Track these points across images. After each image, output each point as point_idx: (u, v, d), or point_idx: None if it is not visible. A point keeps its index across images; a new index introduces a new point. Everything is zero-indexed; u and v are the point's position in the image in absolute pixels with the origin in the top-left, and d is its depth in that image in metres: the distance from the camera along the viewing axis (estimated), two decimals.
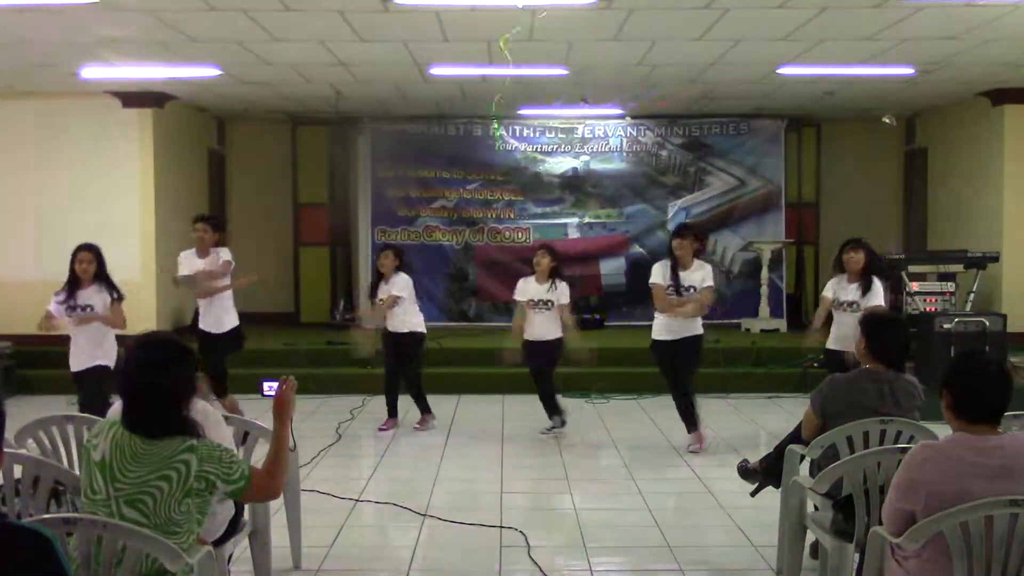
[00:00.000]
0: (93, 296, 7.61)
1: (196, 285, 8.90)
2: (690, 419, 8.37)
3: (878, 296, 8.01)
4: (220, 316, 8.94)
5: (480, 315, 14.37)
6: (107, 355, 7.68)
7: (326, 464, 8.04)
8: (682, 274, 8.19)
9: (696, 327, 8.27)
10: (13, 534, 2.35)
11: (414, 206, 14.36)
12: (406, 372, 9.24)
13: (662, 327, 8.30)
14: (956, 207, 13.48)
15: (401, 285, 9.02)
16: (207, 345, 8.84)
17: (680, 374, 8.33)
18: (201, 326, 8.96)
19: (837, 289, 8.14)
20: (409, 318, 9.13)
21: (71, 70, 10.36)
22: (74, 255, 7.64)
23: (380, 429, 9.22)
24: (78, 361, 7.69)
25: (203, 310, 8.96)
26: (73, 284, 7.61)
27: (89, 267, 7.59)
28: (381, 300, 9.06)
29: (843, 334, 7.86)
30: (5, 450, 2.50)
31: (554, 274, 8.84)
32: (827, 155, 15.24)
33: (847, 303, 8.02)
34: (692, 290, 8.16)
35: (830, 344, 8.19)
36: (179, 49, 9.37)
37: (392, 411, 9.33)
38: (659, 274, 8.28)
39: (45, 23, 8.41)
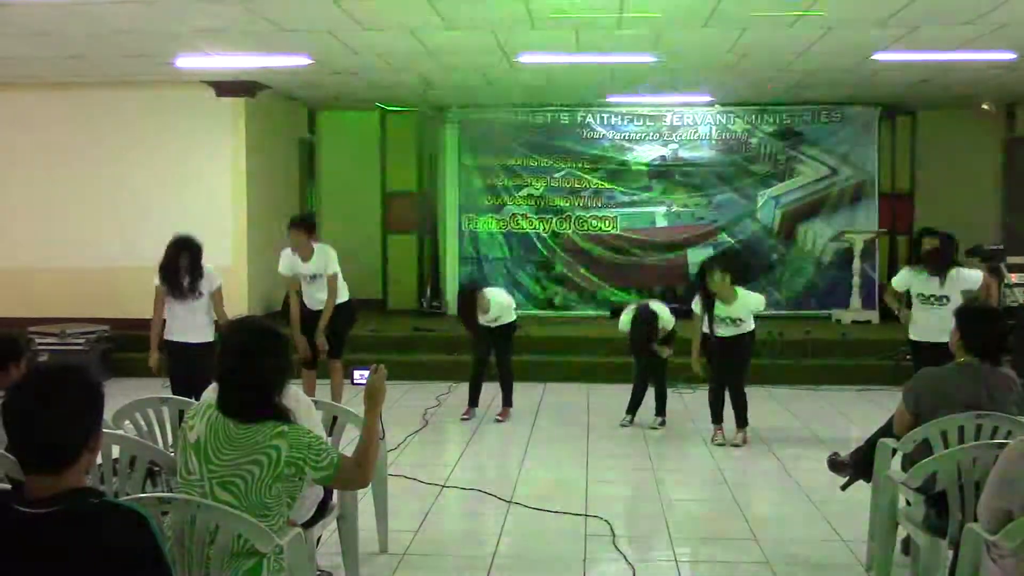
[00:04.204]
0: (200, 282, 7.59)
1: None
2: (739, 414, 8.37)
3: (966, 282, 7.78)
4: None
5: (567, 304, 14.36)
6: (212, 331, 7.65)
7: (413, 450, 8.12)
8: (724, 307, 8.05)
9: (748, 323, 8.22)
10: (113, 512, 2.43)
11: (501, 194, 14.41)
12: (500, 358, 9.21)
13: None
14: None
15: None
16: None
17: (737, 372, 8.31)
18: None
19: (915, 281, 7.96)
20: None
21: (167, 60, 10.57)
22: (173, 256, 7.53)
23: (463, 418, 9.23)
24: (182, 334, 7.57)
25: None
26: (172, 276, 7.54)
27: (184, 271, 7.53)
28: None
29: (924, 325, 7.82)
30: (103, 431, 2.57)
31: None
32: (922, 144, 14.86)
33: (929, 296, 7.85)
34: (735, 322, 8.08)
35: (913, 335, 8.05)
36: (271, 39, 9.50)
37: (476, 400, 9.32)
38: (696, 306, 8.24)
39: (140, 14, 8.58)
